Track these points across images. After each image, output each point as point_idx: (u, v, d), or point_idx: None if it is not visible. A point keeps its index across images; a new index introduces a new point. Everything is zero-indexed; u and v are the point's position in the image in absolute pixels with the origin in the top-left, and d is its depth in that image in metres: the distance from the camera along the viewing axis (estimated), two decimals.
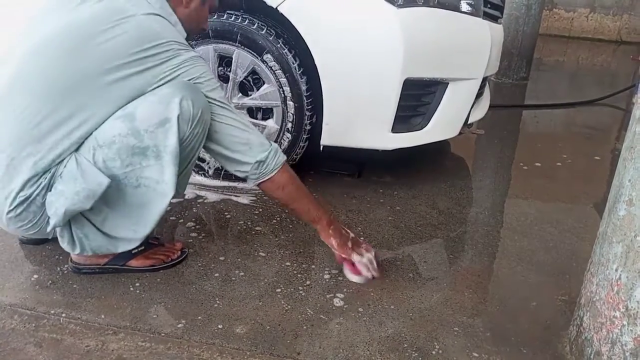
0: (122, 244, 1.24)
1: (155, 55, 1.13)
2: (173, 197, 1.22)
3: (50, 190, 1.12)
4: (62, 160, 1.13)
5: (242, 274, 1.36)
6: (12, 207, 1.12)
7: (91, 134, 1.14)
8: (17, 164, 1.10)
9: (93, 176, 1.11)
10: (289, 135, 1.77)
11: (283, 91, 1.72)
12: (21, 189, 1.11)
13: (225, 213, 1.70)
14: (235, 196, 1.81)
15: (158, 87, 1.15)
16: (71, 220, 1.17)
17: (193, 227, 1.59)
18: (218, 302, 1.24)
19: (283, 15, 1.63)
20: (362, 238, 1.51)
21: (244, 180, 1.87)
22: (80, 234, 1.20)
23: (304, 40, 1.64)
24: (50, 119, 1.10)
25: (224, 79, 1.79)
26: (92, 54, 1.10)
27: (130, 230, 1.22)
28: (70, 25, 1.12)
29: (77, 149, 1.14)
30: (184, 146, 1.18)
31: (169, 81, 1.16)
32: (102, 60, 1.10)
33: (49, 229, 1.15)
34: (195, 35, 1.47)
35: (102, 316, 1.17)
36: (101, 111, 1.13)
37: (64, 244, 1.21)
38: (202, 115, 1.18)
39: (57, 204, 1.10)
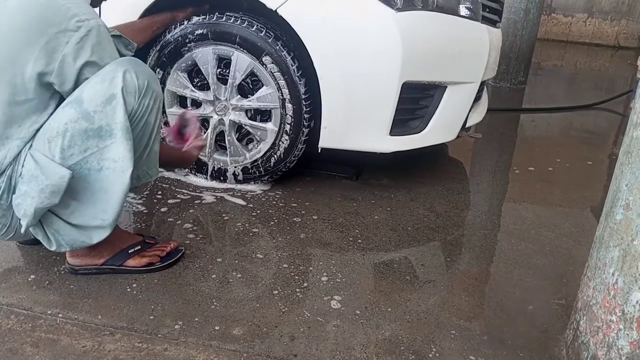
0: (96, 234, 1.20)
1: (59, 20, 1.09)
2: (147, 180, 1.26)
3: (14, 193, 1.11)
4: (16, 159, 1.12)
5: (239, 275, 1.36)
6: None
7: (36, 127, 1.12)
8: None
9: (54, 171, 1.09)
10: (287, 137, 1.77)
11: (282, 93, 1.72)
12: None
13: (223, 215, 1.69)
14: (233, 198, 1.81)
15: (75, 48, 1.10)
16: (40, 218, 1.15)
17: (190, 229, 1.59)
18: (215, 303, 1.24)
19: (282, 18, 1.64)
20: None
21: (242, 182, 1.89)
22: (51, 229, 1.18)
23: (303, 43, 1.65)
24: None
25: (222, 80, 1.79)
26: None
27: (99, 219, 1.18)
28: None
29: (31, 145, 1.12)
30: (136, 120, 1.16)
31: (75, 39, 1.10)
32: (11, 46, 1.07)
33: (22, 230, 1.14)
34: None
35: (99, 317, 1.17)
36: (28, 103, 1.11)
37: (41, 240, 1.20)
38: (149, 86, 1.16)
39: (25, 205, 1.09)
